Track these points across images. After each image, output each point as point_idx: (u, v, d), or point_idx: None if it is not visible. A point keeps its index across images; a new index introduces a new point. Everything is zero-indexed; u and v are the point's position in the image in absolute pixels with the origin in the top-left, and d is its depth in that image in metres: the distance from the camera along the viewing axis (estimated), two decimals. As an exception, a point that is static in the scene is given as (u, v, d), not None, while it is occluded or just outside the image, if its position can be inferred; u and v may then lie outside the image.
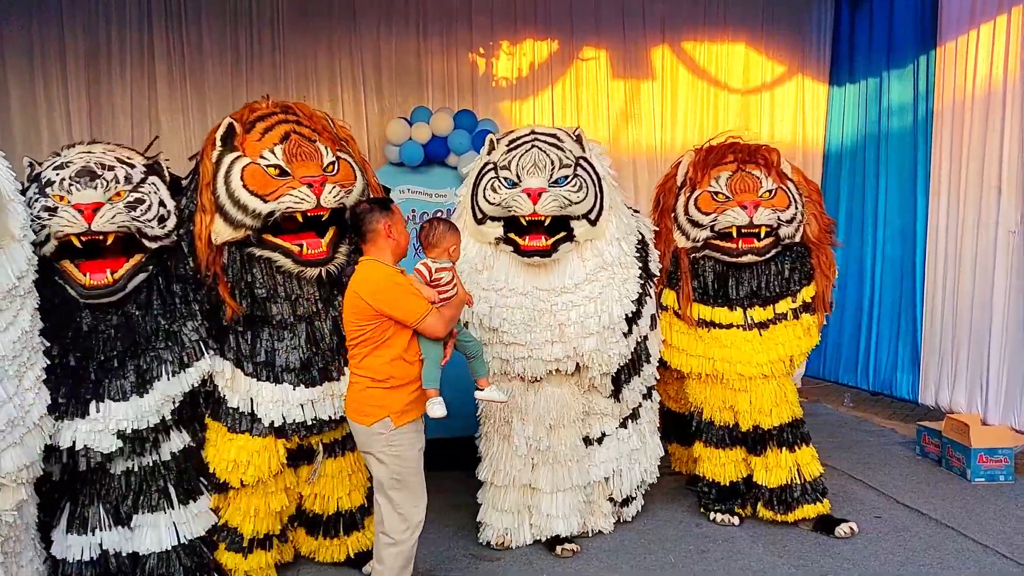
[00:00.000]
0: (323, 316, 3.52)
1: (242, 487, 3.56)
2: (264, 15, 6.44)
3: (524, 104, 6.90)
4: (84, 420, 3.21)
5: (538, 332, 3.80)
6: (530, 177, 3.69)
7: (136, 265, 3.27)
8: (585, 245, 3.84)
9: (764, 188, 4.15)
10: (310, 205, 3.30)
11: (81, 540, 3.33)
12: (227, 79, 6.44)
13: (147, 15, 6.27)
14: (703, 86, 7.23)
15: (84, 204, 3.12)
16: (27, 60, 6.11)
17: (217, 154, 3.44)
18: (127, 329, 3.30)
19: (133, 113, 6.33)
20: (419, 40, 6.69)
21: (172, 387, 3.37)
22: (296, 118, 3.53)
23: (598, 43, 6.97)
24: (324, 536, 3.85)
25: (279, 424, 3.50)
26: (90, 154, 3.34)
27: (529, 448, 3.98)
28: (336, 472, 3.77)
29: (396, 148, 6.09)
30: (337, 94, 6.63)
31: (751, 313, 4.24)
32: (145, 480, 3.39)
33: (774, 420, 4.27)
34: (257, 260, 3.43)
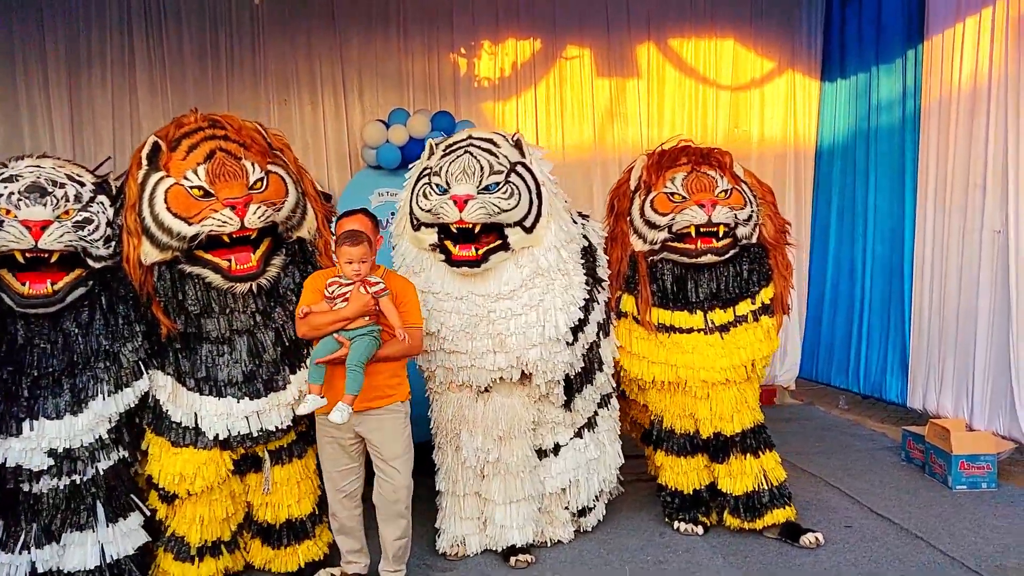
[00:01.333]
0: (264, 328, 3.48)
1: (188, 496, 3.54)
2: (244, 18, 6.42)
3: (507, 104, 6.83)
4: (16, 439, 3.19)
5: (479, 340, 3.74)
6: (458, 184, 3.62)
7: (76, 279, 3.25)
8: (521, 252, 3.76)
9: (720, 188, 4.09)
10: (233, 227, 3.26)
11: (13, 559, 3.29)
12: (207, 83, 6.44)
13: (127, 20, 6.28)
14: (691, 84, 7.11)
15: (32, 221, 3.11)
16: (9, 67, 6.14)
17: (143, 174, 3.40)
18: (64, 347, 3.27)
19: (115, 118, 6.34)
20: (400, 41, 6.65)
21: (108, 407, 3.34)
22: (224, 132, 3.46)
23: (581, 41, 6.88)
24: (276, 546, 3.81)
25: (224, 437, 3.47)
26: (40, 168, 3.32)
27: (479, 460, 3.91)
28: (284, 480, 3.74)
29: (373, 151, 6.05)
30: (318, 97, 6.61)
31: (711, 316, 4.15)
32: (72, 498, 3.34)
33: (736, 426, 4.17)
34: (188, 277, 3.40)
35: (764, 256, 4.23)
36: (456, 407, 3.93)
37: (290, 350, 3.55)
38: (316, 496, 3.85)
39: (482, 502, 4.03)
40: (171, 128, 3.50)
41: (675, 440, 4.29)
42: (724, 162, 4.21)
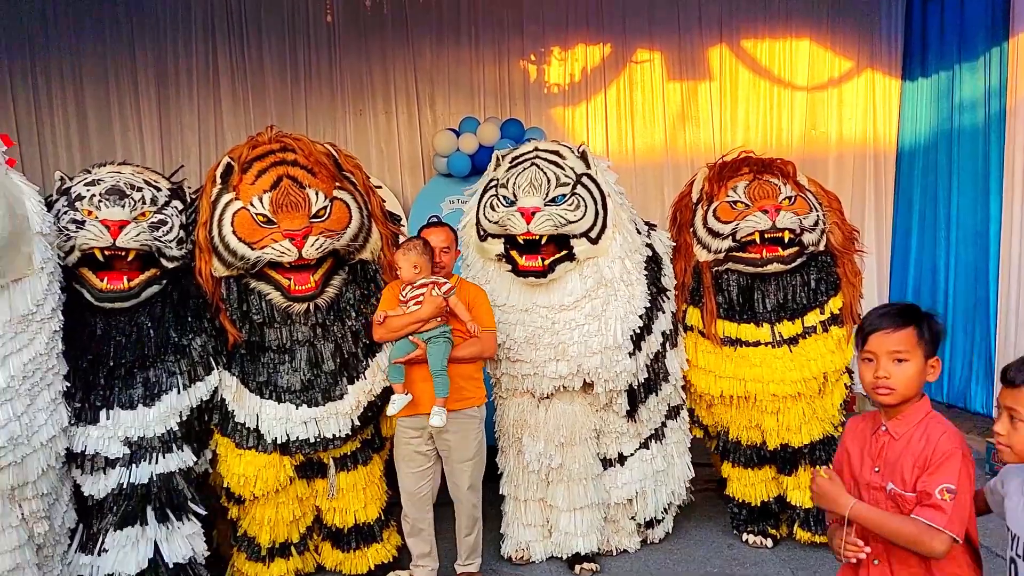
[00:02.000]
0: (323, 340, 3.61)
1: (254, 499, 3.69)
2: (321, 32, 6.61)
3: (576, 110, 6.85)
4: (95, 427, 3.38)
5: (541, 350, 3.79)
6: (525, 196, 3.68)
7: (151, 277, 3.43)
8: (586, 263, 3.79)
9: (783, 195, 4.02)
10: (291, 258, 3.39)
11: (94, 560, 3.45)
12: (287, 95, 6.67)
13: (212, 36, 6.56)
14: (765, 85, 6.98)
15: (111, 221, 3.30)
16: (103, 83, 6.50)
17: (215, 192, 3.56)
18: (138, 339, 3.44)
19: (200, 130, 6.64)
20: (471, 50, 6.74)
21: (181, 400, 3.50)
22: (294, 157, 3.57)
23: (652, 45, 6.84)
24: (346, 549, 3.93)
25: (283, 441, 3.60)
26: (120, 174, 3.53)
27: (541, 465, 3.96)
28: (351, 486, 3.85)
29: (444, 159, 6.17)
30: (392, 106, 6.75)
31: (779, 328, 4.06)
32: (134, 500, 3.46)
33: (804, 437, 4.09)
34: (252, 290, 3.55)
35: (832, 264, 4.13)
36: (518, 412, 3.99)
37: (348, 362, 3.66)
38: (382, 502, 3.96)
39: (546, 508, 4.08)
40: (245, 148, 3.64)
41: (742, 451, 4.24)
42: (787, 171, 4.14)
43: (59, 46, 6.39)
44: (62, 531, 3.40)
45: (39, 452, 3.10)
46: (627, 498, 4.12)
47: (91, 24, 6.40)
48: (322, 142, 3.77)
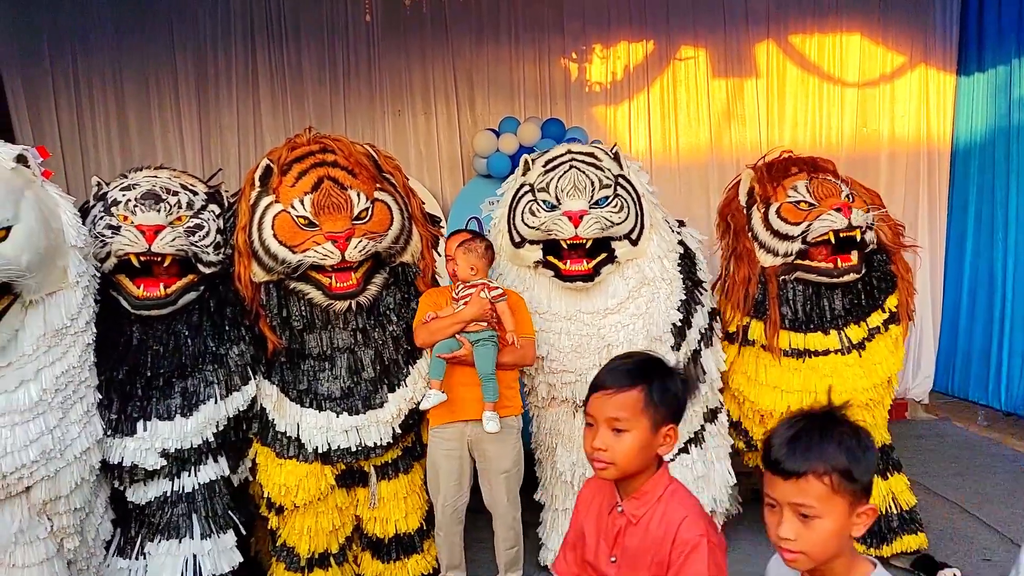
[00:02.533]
0: (363, 346, 3.53)
1: (294, 508, 3.63)
2: (360, 31, 6.55)
3: (619, 109, 6.71)
4: (132, 438, 3.32)
5: (588, 357, 3.68)
6: (570, 199, 3.57)
7: (188, 283, 3.37)
8: (626, 264, 3.70)
9: (845, 193, 3.87)
10: (334, 261, 3.31)
11: (132, 564, 3.44)
12: (326, 96, 6.60)
13: (251, 38, 6.52)
14: (814, 82, 6.78)
15: (147, 226, 3.24)
16: (143, 86, 6.49)
17: (255, 196, 3.50)
18: (176, 349, 3.39)
19: (239, 132, 6.60)
20: (511, 49, 6.63)
21: (219, 410, 3.44)
22: (334, 158, 3.50)
23: (696, 41, 6.67)
24: (386, 559, 3.85)
25: (324, 450, 3.53)
26: (156, 178, 3.47)
27: (575, 475, 3.84)
28: (392, 495, 3.77)
29: (484, 160, 6.08)
30: (431, 106, 6.66)
31: (847, 333, 3.90)
32: (172, 507, 3.43)
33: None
34: (292, 293, 3.48)
35: (887, 261, 3.99)
36: (552, 421, 3.89)
37: (389, 369, 3.58)
38: (423, 511, 3.87)
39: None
40: (284, 150, 3.56)
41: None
42: (832, 168, 4.02)
43: (100, 50, 6.40)
44: (96, 544, 3.35)
45: (72, 465, 3.05)
46: None
47: (131, 27, 6.40)
48: (361, 143, 3.70)
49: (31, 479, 2.93)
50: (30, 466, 2.90)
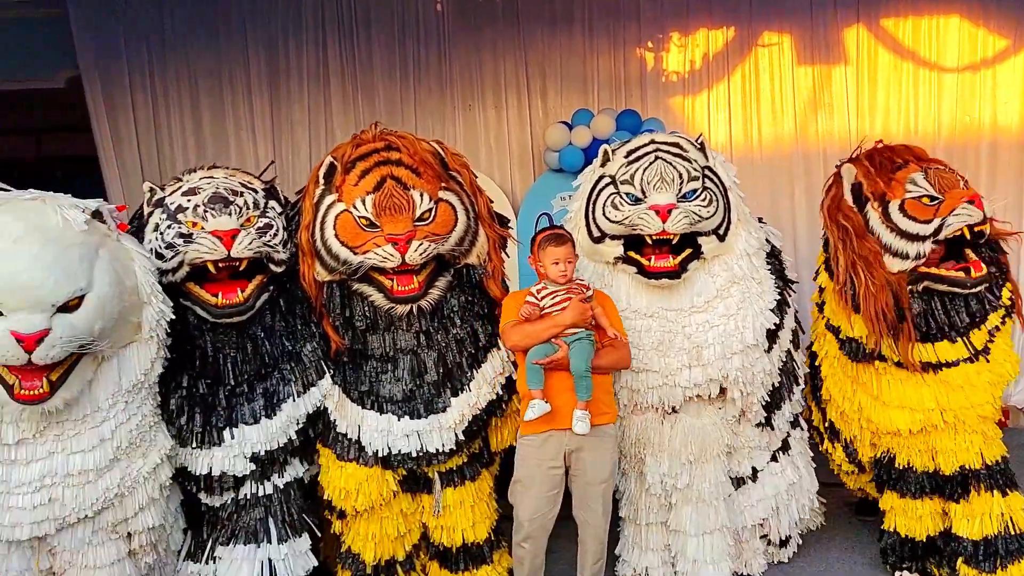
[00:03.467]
0: (426, 349, 3.40)
1: (357, 514, 3.51)
2: (431, 26, 6.42)
3: (697, 99, 6.41)
4: (219, 447, 3.28)
5: (672, 356, 3.47)
6: (657, 193, 3.36)
7: (260, 284, 3.30)
8: (713, 261, 3.49)
9: (961, 183, 3.53)
10: (395, 263, 3.20)
11: (201, 568, 3.40)
12: (396, 91, 6.50)
13: (322, 33, 6.45)
14: (908, 68, 6.33)
15: (222, 231, 3.16)
16: (217, 84, 6.50)
17: (318, 193, 3.39)
18: (254, 352, 3.34)
19: (310, 128, 6.56)
20: (585, 39, 6.39)
21: (298, 408, 3.39)
22: (398, 156, 3.36)
23: (780, 27, 6.31)
24: (454, 569, 3.71)
25: (384, 454, 3.41)
26: (214, 179, 3.37)
27: (664, 486, 3.63)
28: (457, 503, 3.62)
29: (555, 154, 5.90)
30: (502, 100, 6.49)
31: (972, 339, 3.54)
32: (247, 511, 3.40)
33: (978, 460, 3.58)
34: (355, 294, 3.37)
35: (996, 250, 3.62)
36: (640, 430, 3.66)
37: (452, 373, 3.44)
38: (492, 521, 3.72)
39: (669, 533, 3.75)
40: (348, 147, 3.45)
41: (912, 479, 3.70)
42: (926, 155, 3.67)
43: (175, 49, 6.43)
44: (167, 554, 3.34)
45: (137, 489, 3.04)
46: (763, 517, 3.78)
47: (205, 26, 6.42)
48: (428, 140, 3.55)
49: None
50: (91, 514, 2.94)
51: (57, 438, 2.84)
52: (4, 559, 2.94)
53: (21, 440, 2.80)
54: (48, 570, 3.04)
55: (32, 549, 2.97)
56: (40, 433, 2.81)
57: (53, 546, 2.98)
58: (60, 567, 3.03)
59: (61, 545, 2.98)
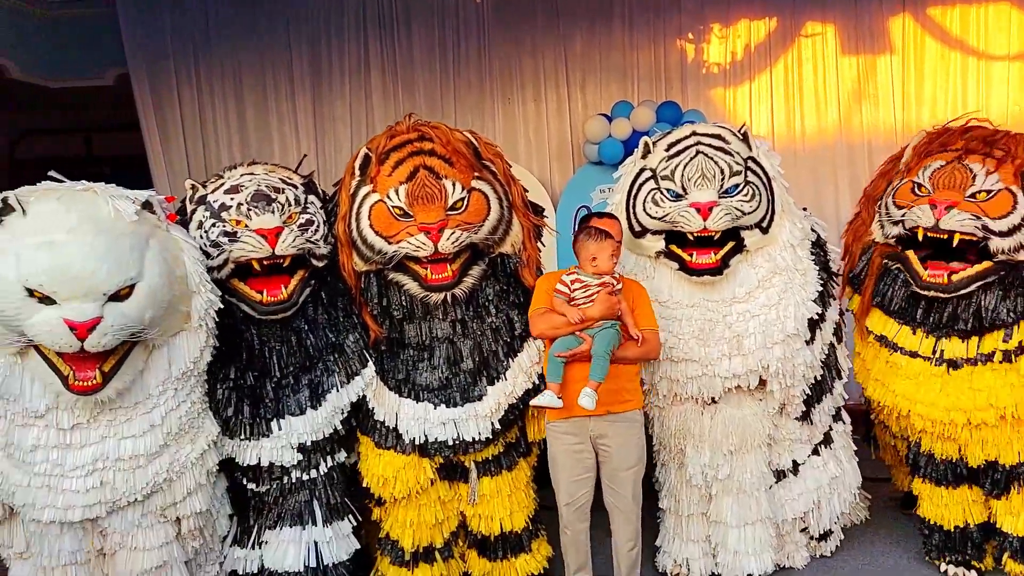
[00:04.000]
0: (462, 337, 3.42)
1: (395, 501, 3.56)
2: (470, 20, 6.45)
3: (739, 90, 6.34)
4: (268, 438, 3.35)
5: (713, 346, 3.45)
6: (698, 189, 3.35)
7: (302, 279, 3.36)
8: (756, 253, 3.46)
9: (977, 187, 3.34)
10: (427, 252, 3.23)
11: (248, 553, 3.48)
12: (436, 85, 6.54)
13: (363, 28, 6.52)
14: (956, 57, 6.20)
15: (266, 229, 3.22)
16: (260, 79, 6.60)
17: (354, 185, 3.43)
18: (299, 345, 3.40)
19: (352, 122, 6.62)
20: (624, 31, 6.36)
21: (342, 398, 3.45)
22: (431, 146, 3.39)
23: (824, 17, 6.22)
24: (493, 558, 3.73)
25: (420, 442, 3.44)
26: (254, 175, 3.42)
27: (706, 477, 3.61)
28: (494, 492, 3.63)
29: (595, 146, 5.88)
30: (541, 93, 6.49)
31: (943, 345, 3.45)
32: (292, 496, 3.46)
33: (1013, 456, 3.47)
34: (391, 283, 3.41)
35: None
36: (680, 420, 3.65)
37: (488, 361, 3.46)
38: (530, 510, 3.73)
39: (709, 524, 3.73)
40: (383, 139, 3.48)
41: (935, 467, 3.67)
42: (1013, 153, 3.40)
43: (220, 45, 6.54)
44: (213, 539, 3.41)
45: (186, 475, 3.12)
46: (804, 510, 3.75)
47: (249, 23, 6.52)
48: (462, 130, 3.55)
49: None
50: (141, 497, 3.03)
51: (110, 423, 2.92)
52: (57, 539, 3.03)
53: (76, 425, 2.88)
54: (99, 551, 3.14)
55: (84, 531, 3.06)
56: (94, 419, 2.90)
57: (104, 528, 3.08)
58: (110, 548, 3.12)
59: (112, 527, 3.07)
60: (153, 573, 3.12)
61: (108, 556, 3.13)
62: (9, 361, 2.80)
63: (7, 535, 3.13)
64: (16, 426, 2.86)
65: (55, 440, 2.87)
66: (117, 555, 3.11)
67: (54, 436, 2.87)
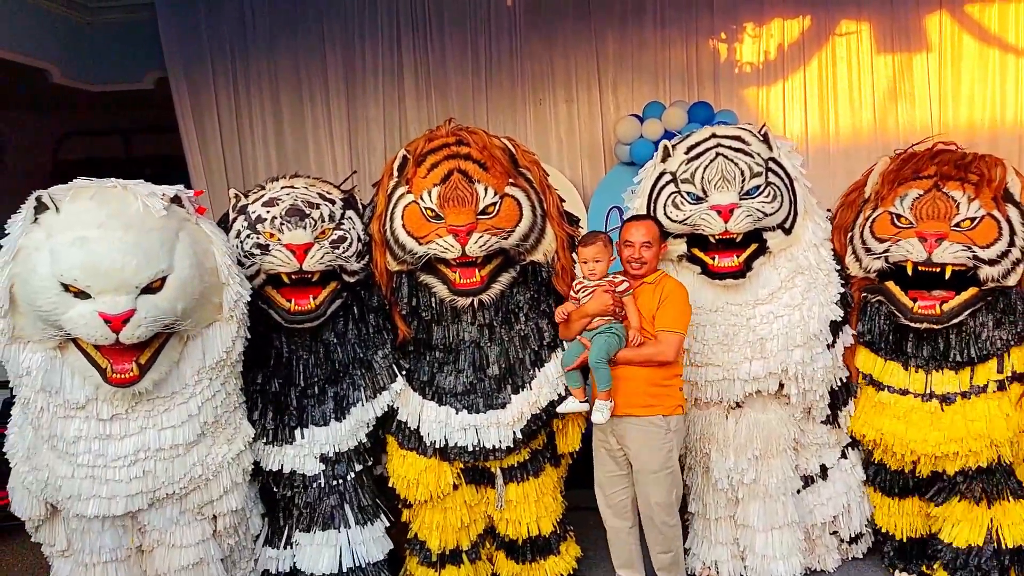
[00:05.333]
0: (489, 342, 3.46)
1: (421, 503, 3.62)
2: (503, 23, 6.50)
3: (772, 90, 6.31)
4: (291, 446, 3.43)
5: (736, 350, 3.45)
6: (719, 192, 3.35)
7: (333, 292, 3.41)
8: (779, 254, 3.46)
9: (962, 216, 3.26)
10: (454, 254, 3.26)
11: (279, 553, 3.55)
12: (468, 88, 6.59)
13: (396, 33, 6.60)
14: (994, 55, 6.10)
15: (296, 245, 3.28)
16: (295, 85, 6.72)
17: (392, 185, 3.49)
18: (326, 357, 3.47)
19: (385, 125, 6.71)
20: (656, 31, 6.35)
21: (366, 412, 3.52)
22: (467, 151, 3.41)
23: (859, 15, 6.16)
24: (521, 560, 3.77)
25: (441, 445, 3.49)
26: (294, 189, 3.47)
27: (731, 481, 3.62)
28: (521, 498, 3.67)
29: (626, 147, 5.89)
30: (573, 94, 6.51)
31: (934, 379, 3.40)
32: (324, 500, 3.52)
33: (958, 464, 3.40)
34: (421, 285, 3.46)
35: (1015, 310, 3.33)
36: (704, 424, 3.67)
37: (514, 369, 3.49)
38: (557, 514, 3.76)
39: (737, 528, 3.74)
40: (421, 141, 3.53)
41: (886, 477, 3.65)
42: (988, 176, 3.31)
43: (256, 50, 6.67)
44: (247, 538, 3.49)
45: (222, 473, 3.20)
46: (834, 514, 3.74)
47: (285, 28, 6.63)
48: (500, 136, 3.57)
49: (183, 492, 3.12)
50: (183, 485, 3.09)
51: (148, 414, 3.00)
52: (98, 536, 3.12)
53: (115, 416, 2.96)
54: (138, 548, 3.23)
55: (124, 528, 3.15)
56: (132, 409, 2.98)
57: (143, 525, 3.16)
58: (149, 545, 3.21)
59: (151, 524, 3.15)
60: (190, 570, 3.20)
61: (147, 553, 3.22)
62: (49, 355, 2.89)
63: (49, 534, 3.22)
64: (58, 418, 2.95)
65: (96, 431, 2.95)
66: (155, 552, 3.19)
67: (95, 427, 2.95)
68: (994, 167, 3.37)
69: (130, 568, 3.21)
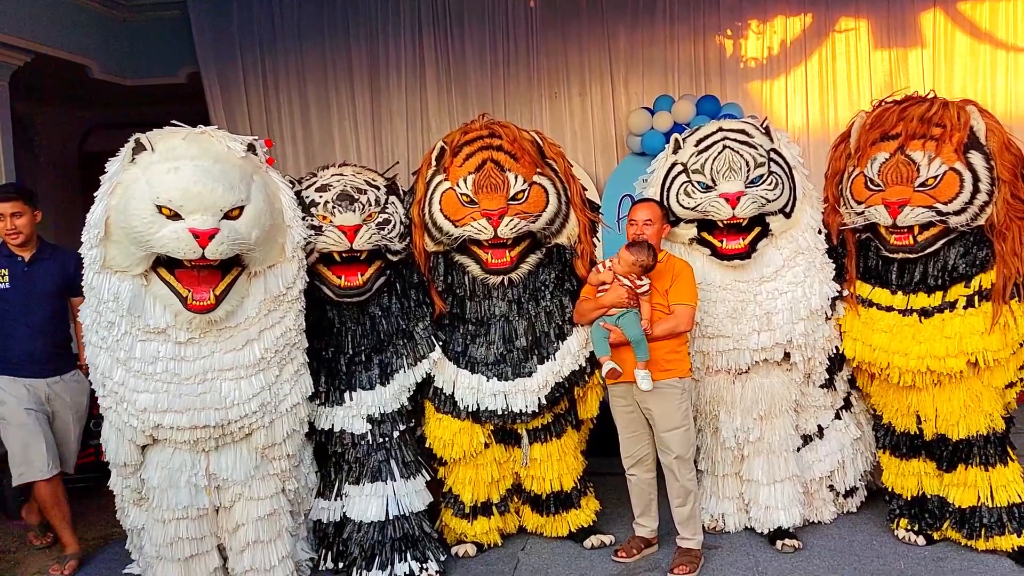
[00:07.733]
0: (518, 317, 3.83)
1: (455, 460, 4.00)
2: (520, 19, 6.85)
3: (775, 84, 6.66)
4: (340, 407, 3.80)
5: (745, 323, 3.83)
6: (726, 181, 3.72)
7: (378, 270, 3.77)
8: (781, 236, 3.85)
9: (924, 176, 3.54)
10: (487, 236, 3.65)
11: (331, 504, 3.92)
12: (486, 82, 6.95)
13: (418, 28, 6.95)
14: (986, 51, 6.45)
15: (347, 227, 3.63)
16: (322, 79, 7.08)
17: (430, 174, 3.86)
18: (372, 328, 3.83)
19: (407, 117, 7.06)
20: (666, 27, 6.72)
21: (408, 378, 3.88)
22: (499, 143, 3.78)
23: (857, 12, 6.52)
24: (545, 513, 4.16)
25: (473, 410, 3.86)
26: (343, 177, 3.83)
27: (738, 440, 3.99)
28: (545, 456, 4.06)
29: (638, 138, 6.22)
30: (586, 88, 6.87)
31: (912, 300, 3.73)
32: (371, 455, 3.86)
33: (962, 431, 3.76)
34: (456, 264, 3.84)
35: (985, 242, 3.63)
36: (714, 390, 4.04)
37: (540, 341, 3.85)
38: (578, 472, 4.15)
39: (742, 483, 4.12)
40: (458, 134, 3.90)
41: (894, 438, 4.00)
42: (952, 126, 3.56)
43: (285, 46, 7.03)
44: (305, 491, 3.85)
45: (285, 417, 3.54)
46: (830, 470, 4.12)
47: (311, 24, 6.98)
48: (529, 130, 3.94)
49: (250, 428, 3.46)
50: (251, 416, 3.41)
51: (216, 340, 3.34)
52: (175, 493, 3.45)
53: (189, 340, 3.32)
54: (215, 509, 3.58)
55: (198, 489, 3.48)
56: (203, 335, 3.33)
57: (222, 481, 3.50)
58: (229, 501, 3.57)
59: (231, 477, 3.48)
60: (266, 519, 3.59)
61: (224, 510, 3.58)
62: (136, 283, 3.26)
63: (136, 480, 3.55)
64: (138, 341, 3.30)
65: (172, 352, 3.30)
66: (235, 506, 3.57)
67: (171, 349, 3.29)
68: (953, 114, 3.63)
69: (201, 527, 3.55)
